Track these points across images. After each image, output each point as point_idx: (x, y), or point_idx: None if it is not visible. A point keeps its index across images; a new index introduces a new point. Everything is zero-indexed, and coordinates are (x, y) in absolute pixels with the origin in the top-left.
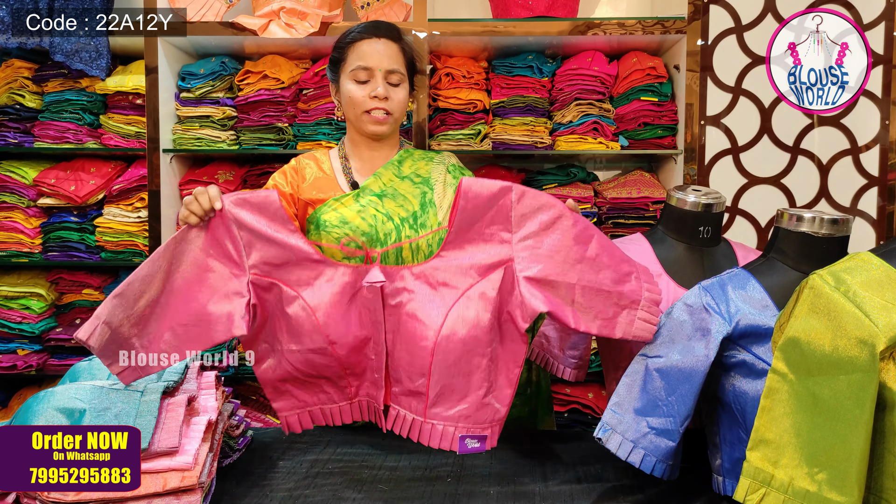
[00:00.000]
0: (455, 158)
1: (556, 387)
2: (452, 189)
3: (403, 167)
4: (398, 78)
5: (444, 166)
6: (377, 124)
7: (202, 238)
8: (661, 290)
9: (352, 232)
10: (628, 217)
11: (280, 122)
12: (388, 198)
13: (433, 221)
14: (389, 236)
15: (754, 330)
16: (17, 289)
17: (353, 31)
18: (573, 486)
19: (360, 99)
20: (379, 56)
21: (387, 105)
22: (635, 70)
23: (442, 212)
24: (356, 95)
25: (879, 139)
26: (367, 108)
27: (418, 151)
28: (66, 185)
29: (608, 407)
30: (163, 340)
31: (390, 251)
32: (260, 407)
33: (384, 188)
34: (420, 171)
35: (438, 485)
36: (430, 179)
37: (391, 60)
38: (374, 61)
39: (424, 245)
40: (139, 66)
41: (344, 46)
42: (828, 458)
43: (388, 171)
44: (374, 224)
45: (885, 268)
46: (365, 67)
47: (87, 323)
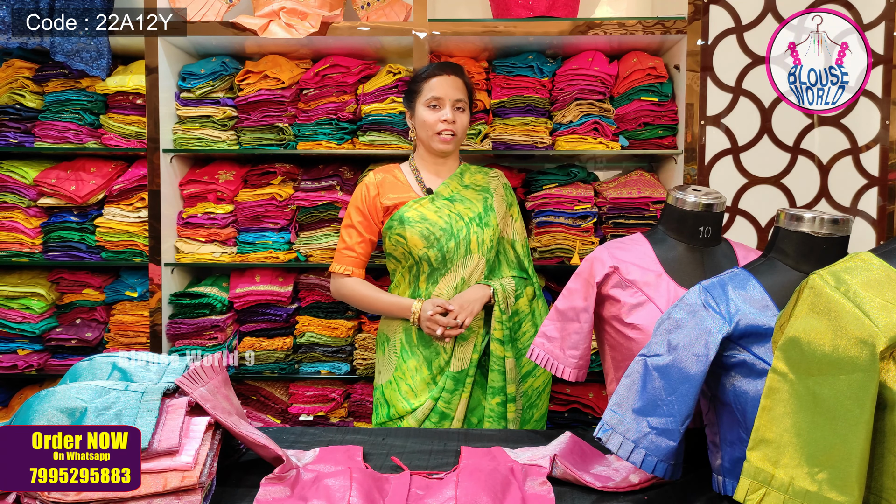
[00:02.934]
0: (504, 176)
1: (556, 387)
2: (506, 204)
3: (465, 178)
4: (462, 105)
5: (500, 182)
6: (445, 143)
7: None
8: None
9: (431, 226)
10: (629, 217)
11: (280, 122)
12: (458, 201)
13: (494, 222)
14: (461, 231)
15: (754, 330)
16: (17, 289)
17: (427, 69)
18: (573, 486)
19: (432, 122)
20: (448, 88)
21: (454, 127)
22: (635, 70)
23: (499, 216)
24: (429, 120)
25: (879, 139)
26: (438, 130)
27: (473, 166)
28: (66, 185)
29: (608, 407)
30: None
31: (461, 243)
32: (260, 407)
33: (453, 194)
34: (479, 181)
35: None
36: (489, 188)
37: (457, 91)
38: (444, 92)
39: (487, 240)
40: (139, 66)
41: (420, 81)
42: (828, 458)
43: (454, 181)
44: (448, 221)
45: (885, 268)
46: (437, 97)
47: None
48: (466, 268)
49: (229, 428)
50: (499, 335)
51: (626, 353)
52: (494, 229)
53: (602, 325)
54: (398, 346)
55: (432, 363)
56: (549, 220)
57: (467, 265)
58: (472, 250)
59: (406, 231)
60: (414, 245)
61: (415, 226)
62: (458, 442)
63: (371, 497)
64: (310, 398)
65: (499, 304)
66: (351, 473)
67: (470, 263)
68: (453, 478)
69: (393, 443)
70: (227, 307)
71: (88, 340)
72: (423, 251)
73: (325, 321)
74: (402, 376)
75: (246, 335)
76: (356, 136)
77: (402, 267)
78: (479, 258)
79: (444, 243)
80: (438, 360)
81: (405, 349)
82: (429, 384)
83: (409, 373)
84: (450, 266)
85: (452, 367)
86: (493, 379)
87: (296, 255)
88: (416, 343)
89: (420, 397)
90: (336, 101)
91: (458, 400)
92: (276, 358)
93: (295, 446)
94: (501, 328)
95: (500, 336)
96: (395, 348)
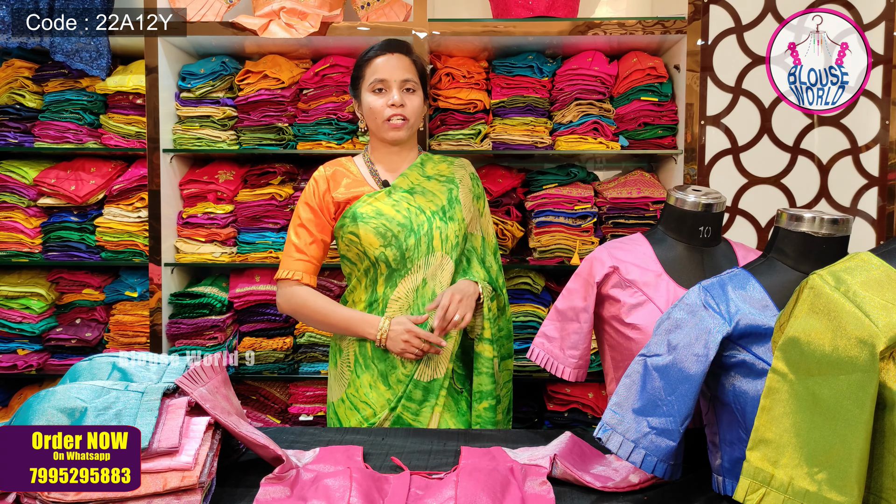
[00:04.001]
0: (471, 166)
1: (556, 387)
2: (473, 196)
3: (426, 168)
4: (412, 86)
5: (466, 171)
6: (396, 130)
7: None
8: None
9: (388, 222)
10: (628, 217)
11: (280, 122)
12: (418, 194)
13: (459, 216)
14: (422, 226)
15: (754, 330)
16: (17, 288)
17: (368, 51)
18: (573, 486)
19: (379, 108)
20: (392, 68)
21: (403, 111)
22: (635, 70)
23: (465, 210)
24: (375, 106)
25: (879, 139)
26: (386, 116)
27: (436, 156)
28: (66, 184)
29: (608, 407)
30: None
31: (423, 239)
32: (260, 407)
33: (413, 186)
34: (443, 171)
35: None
36: (454, 178)
37: (404, 71)
38: (389, 73)
39: (452, 235)
40: (139, 65)
41: (361, 65)
42: (828, 458)
43: (414, 171)
44: (407, 216)
45: (885, 268)
46: (381, 79)
47: None
48: (429, 268)
49: (229, 428)
50: (488, 334)
51: (626, 353)
52: (460, 223)
53: (602, 325)
54: (351, 359)
55: (388, 377)
56: (549, 220)
57: (430, 264)
58: (434, 248)
59: (360, 228)
60: (369, 244)
61: (369, 222)
62: (458, 442)
63: (371, 497)
64: (310, 398)
65: (487, 300)
66: (351, 473)
67: (433, 262)
68: (453, 478)
69: (393, 443)
70: (227, 307)
71: (88, 340)
72: (378, 250)
73: None
74: (354, 393)
75: (246, 335)
76: (356, 136)
77: (358, 270)
78: (443, 256)
79: (403, 240)
80: (396, 373)
81: (359, 362)
82: (388, 400)
83: (363, 389)
84: (410, 266)
85: (421, 375)
86: (480, 383)
87: None
88: (371, 356)
89: (379, 414)
90: (336, 101)
91: (429, 412)
92: (276, 358)
93: (294, 446)
94: (491, 326)
95: (490, 335)
96: (348, 361)
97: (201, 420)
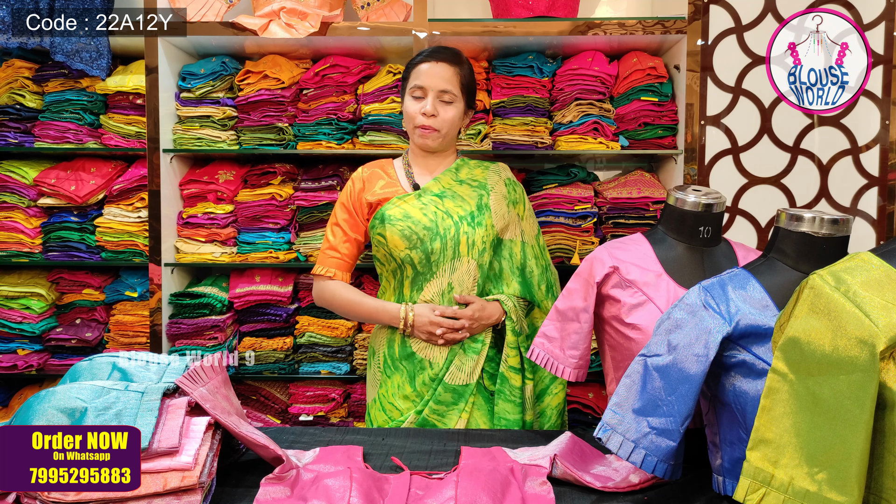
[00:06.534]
0: (509, 171)
1: None
2: (508, 202)
3: (460, 173)
4: (449, 98)
5: (501, 177)
6: (423, 138)
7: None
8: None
9: (413, 225)
10: (628, 217)
11: (280, 122)
12: (448, 198)
13: (489, 222)
14: (448, 231)
15: (754, 330)
16: (17, 289)
17: (418, 55)
18: (573, 486)
19: (412, 113)
20: (432, 77)
21: (433, 122)
22: (635, 70)
23: (497, 216)
24: (410, 110)
25: (879, 139)
26: (418, 123)
27: (473, 161)
28: (66, 184)
29: (608, 407)
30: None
31: (449, 244)
32: (260, 407)
33: (444, 190)
34: (476, 177)
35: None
36: (487, 184)
37: (444, 81)
38: (428, 81)
39: (480, 241)
40: (139, 66)
41: (409, 67)
42: (828, 458)
43: (447, 175)
44: (434, 220)
45: (885, 268)
46: (420, 86)
47: None
48: (455, 272)
49: (229, 428)
50: (514, 363)
51: (626, 353)
52: (488, 230)
53: (602, 325)
54: (382, 362)
55: (415, 379)
56: (549, 221)
57: (456, 269)
58: (461, 252)
59: (386, 230)
60: (395, 246)
61: (395, 224)
62: (458, 442)
63: (371, 497)
64: (310, 398)
65: (513, 326)
66: (351, 473)
67: (459, 267)
68: (453, 478)
69: (393, 443)
70: (227, 307)
71: (88, 340)
72: (404, 252)
73: (324, 321)
74: (385, 394)
75: (246, 335)
76: (356, 136)
77: (387, 270)
78: (470, 262)
79: (429, 244)
80: (423, 375)
81: (388, 364)
82: (414, 402)
83: (392, 390)
84: (436, 270)
85: (452, 378)
86: (503, 409)
87: (296, 255)
88: (399, 357)
89: (405, 414)
90: (336, 101)
91: (456, 416)
92: (276, 358)
93: (295, 446)
94: (516, 354)
95: (516, 364)
96: (379, 363)
97: (201, 420)
